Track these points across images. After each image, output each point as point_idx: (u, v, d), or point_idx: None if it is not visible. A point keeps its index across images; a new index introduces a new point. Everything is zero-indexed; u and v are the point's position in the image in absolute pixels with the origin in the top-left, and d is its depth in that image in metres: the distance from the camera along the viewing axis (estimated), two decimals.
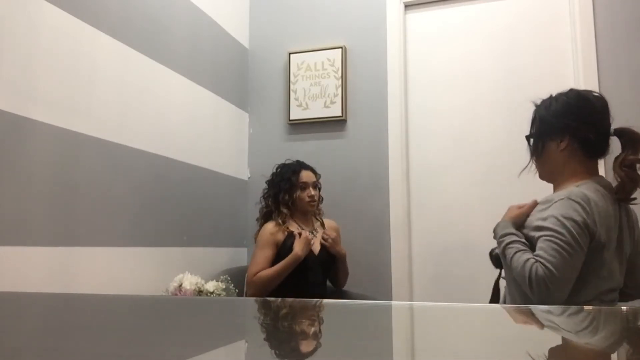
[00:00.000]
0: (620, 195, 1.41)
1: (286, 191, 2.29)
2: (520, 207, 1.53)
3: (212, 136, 2.58)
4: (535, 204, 1.50)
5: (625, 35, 2.38)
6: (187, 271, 2.06)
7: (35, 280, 1.55)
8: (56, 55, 1.67)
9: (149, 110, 2.10)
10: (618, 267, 1.41)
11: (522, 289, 1.39)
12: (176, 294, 1.97)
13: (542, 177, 1.57)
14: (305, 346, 0.57)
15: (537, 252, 1.34)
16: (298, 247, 2.15)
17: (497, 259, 1.55)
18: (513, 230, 1.46)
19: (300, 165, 2.36)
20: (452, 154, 2.63)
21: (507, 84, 2.57)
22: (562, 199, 1.37)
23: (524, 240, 1.43)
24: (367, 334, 0.63)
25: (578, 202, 1.34)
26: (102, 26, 1.86)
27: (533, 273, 1.31)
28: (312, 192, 2.31)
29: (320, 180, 2.41)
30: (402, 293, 2.55)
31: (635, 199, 1.42)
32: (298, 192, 2.29)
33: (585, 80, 2.39)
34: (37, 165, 1.58)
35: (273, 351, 0.54)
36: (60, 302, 1.01)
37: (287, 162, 2.40)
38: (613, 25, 2.40)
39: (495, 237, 1.52)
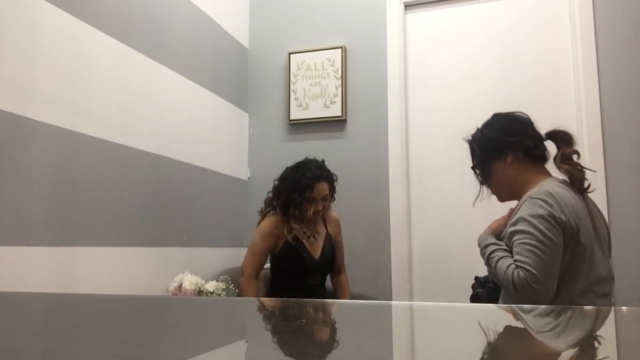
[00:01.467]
0: (576, 187, 1.47)
1: (297, 206, 2.18)
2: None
3: (212, 136, 2.58)
4: (511, 212, 1.58)
5: (625, 35, 2.38)
6: (187, 271, 2.06)
7: (35, 280, 1.55)
8: (56, 55, 1.67)
9: (149, 110, 2.10)
10: (601, 254, 1.44)
11: (511, 295, 1.43)
12: (176, 294, 1.97)
13: (502, 199, 1.63)
14: (305, 346, 0.57)
15: (515, 256, 1.39)
16: None
17: (476, 299, 1.61)
18: (492, 240, 1.53)
19: (316, 179, 2.17)
20: (452, 154, 2.62)
21: (507, 84, 2.57)
22: (525, 200, 1.44)
23: (504, 247, 1.48)
24: (367, 334, 0.63)
25: (540, 198, 1.40)
26: (102, 26, 1.86)
27: (515, 277, 1.36)
28: (320, 207, 2.20)
29: (336, 183, 2.29)
30: (402, 293, 2.55)
31: (590, 185, 1.50)
32: (306, 205, 2.19)
33: (585, 80, 2.39)
34: (37, 165, 1.58)
35: (273, 351, 0.54)
36: (60, 302, 1.01)
37: (307, 163, 2.24)
38: (613, 25, 2.40)
39: (479, 244, 1.60)
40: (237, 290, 2.19)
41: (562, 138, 1.54)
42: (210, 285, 2.04)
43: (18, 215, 1.51)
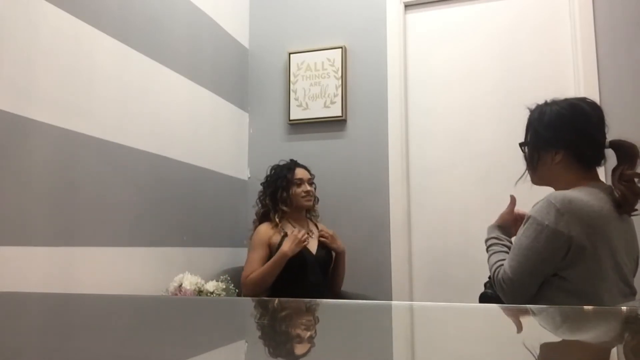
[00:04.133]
0: (623, 209, 1.38)
1: (283, 189, 2.32)
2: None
3: (212, 136, 2.58)
4: (514, 200, 1.59)
5: (625, 35, 2.38)
6: (187, 271, 2.06)
7: (35, 280, 1.55)
8: (56, 55, 1.67)
9: (149, 110, 2.10)
10: (628, 270, 1.37)
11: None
12: (176, 294, 1.97)
13: (536, 183, 1.56)
14: (305, 346, 0.57)
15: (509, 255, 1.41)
16: (286, 245, 2.17)
17: (484, 299, 1.59)
18: (495, 234, 1.54)
19: (294, 163, 2.40)
20: (452, 154, 2.63)
21: (507, 84, 2.57)
22: (543, 199, 1.38)
23: (504, 242, 1.49)
24: (367, 334, 0.63)
25: (554, 205, 1.32)
26: (102, 26, 1.86)
27: (497, 274, 1.39)
28: (308, 187, 2.34)
29: (316, 181, 2.43)
30: (402, 293, 2.55)
31: (637, 210, 1.40)
32: (294, 189, 2.31)
33: (585, 80, 2.39)
34: (37, 165, 1.58)
35: (272, 351, 0.54)
36: (60, 302, 1.01)
37: (281, 162, 2.43)
38: (613, 25, 2.40)
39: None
40: (237, 290, 2.19)
41: (627, 153, 1.40)
42: (210, 285, 2.04)
43: (18, 215, 1.51)
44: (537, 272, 1.34)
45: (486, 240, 1.56)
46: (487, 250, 1.52)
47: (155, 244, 2.09)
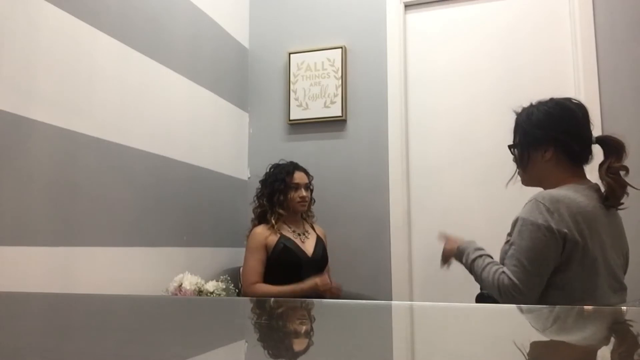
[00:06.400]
0: (610, 202, 1.41)
1: (281, 192, 2.31)
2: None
3: (212, 136, 2.58)
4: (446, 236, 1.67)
5: (625, 35, 2.38)
6: (187, 271, 2.06)
7: (35, 280, 1.55)
8: (56, 55, 1.67)
9: (149, 110, 2.10)
10: (617, 266, 1.40)
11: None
12: (176, 294, 1.97)
13: (527, 184, 1.57)
14: (305, 346, 0.57)
15: (505, 261, 1.40)
16: (306, 286, 2.14)
17: (481, 300, 1.59)
18: (478, 246, 1.54)
19: (294, 167, 2.38)
20: (452, 154, 2.63)
21: (507, 84, 2.56)
22: (530, 200, 1.40)
23: (488, 253, 1.51)
24: (367, 334, 0.63)
25: (543, 204, 1.35)
26: (102, 26, 1.86)
27: (500, 283, 1.37)
28: (304, 193, 2.33)
29: (315, 181, 2.42)
30: (402, 293, 2.55)
31: (623, 203, 1.43)
32: (291, 193, 2.31)
33: (585, 80, 2.39)
34: (37, 165, 1.58)
35: (272, 351, 0.54)
36: (60, 302, 1.01)
37: (281, 162, 2.41)
38: (613, 25, 2.40)
39: (459, 255, 1.59)
40: (237, 290, 2.19)
41: (613, 147, 1.44)
42: (210, 285, 2.04)
43: (18, 215, 1.51)
44: (542, 272, 1.35)
45: (470, 252, 1.54)
46: (476, 260, 1.50)
47: (155, 244, 2.09)
